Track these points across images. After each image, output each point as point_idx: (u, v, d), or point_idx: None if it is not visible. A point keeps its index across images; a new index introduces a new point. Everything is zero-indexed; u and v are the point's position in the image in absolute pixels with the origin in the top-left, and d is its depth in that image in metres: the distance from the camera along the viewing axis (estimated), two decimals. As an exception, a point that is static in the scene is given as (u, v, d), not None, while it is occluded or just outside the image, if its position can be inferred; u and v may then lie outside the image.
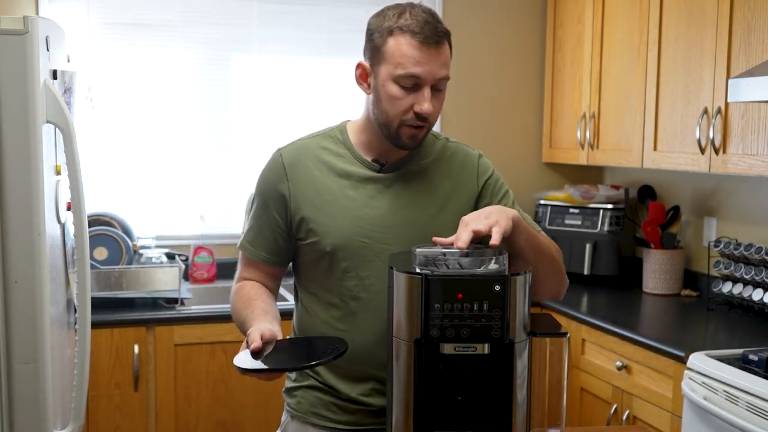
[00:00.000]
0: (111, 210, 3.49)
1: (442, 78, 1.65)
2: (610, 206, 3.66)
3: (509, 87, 4.02)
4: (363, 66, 1.71)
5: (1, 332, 1.97)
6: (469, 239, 1.48)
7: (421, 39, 1.61)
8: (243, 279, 1.83)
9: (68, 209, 2.22)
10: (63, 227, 2.26)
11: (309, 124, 2.27)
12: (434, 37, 1.62)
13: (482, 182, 1.80)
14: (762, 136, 2.64)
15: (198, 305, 3.28)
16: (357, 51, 1.75)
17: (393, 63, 1.63)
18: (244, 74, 3.70)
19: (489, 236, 1.48)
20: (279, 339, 1.57)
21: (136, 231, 3.53)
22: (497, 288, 1.43)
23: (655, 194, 3.61)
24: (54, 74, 2.10)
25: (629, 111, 3.32)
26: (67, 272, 2.33)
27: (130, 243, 3.36)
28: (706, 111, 2.85)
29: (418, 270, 1.46)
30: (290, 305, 1.93)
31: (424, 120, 1.66)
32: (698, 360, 2.40)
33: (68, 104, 2.19)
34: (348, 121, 1.82)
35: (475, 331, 1.43)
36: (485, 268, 1.46)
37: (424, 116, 1.64)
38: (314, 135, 1.81)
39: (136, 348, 3.03)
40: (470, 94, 3.93)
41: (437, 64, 1.63)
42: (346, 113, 1.91)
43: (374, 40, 1.67)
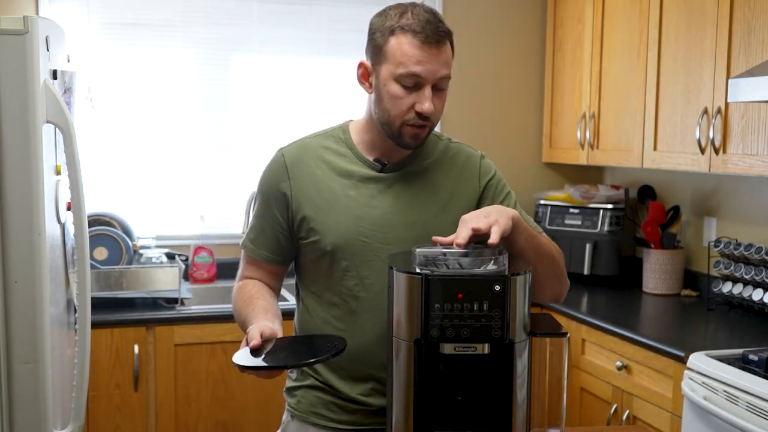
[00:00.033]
0: (111, 210, 3.49)
1: (444, 77, 1.65)
2: (610, 206, 3.66)
3: (509, 87, 4.02)
4: (365, 65, 1.71)
5: (1, 332, 1.97)
6: (468, 237, 1.48)
7: (423, 38, 1.61)
8: (245, 278, 1.83)
9: (68, 209, 2.22)
10: (63, 227, 2.26)
11: (309, 124, 2.27)
12: (435, 37, 1.62)
13: (484, 183, 1.80)
14: (762, 136, 2.64)
15: (198, 305, 3.28)
16: (357, 51, 1.76)
17: (394, 62, 1.63)
18: (244, 74, 3.70)
19: (489, 236, 1.48)
20: (279, 337, 1.57)
21: (136, 231, 3.53)
22: (497, 288, 1.42)
23: (655, 194, 3.61)
24: (54, 74, 2.10)
25: (629, 111, 3.32)
26: (67, 272, 2.33)
27: (130, 243, 3.36)
28: (706, 111, 2.85)
29: (418, 270, 1.46)
30: (291, 305, 1.94)
31: (426, 119, 1.66)
32: (698, 360, 2.40)
33: (68, 104, 2.19)
34: (351, 121, 1.82)
35: (475, 331, 1.43)
36: (485, 268, 1.46)
37: (426, 115, 1.64)
38: (316, 134, 1.81)
39: (136, 348, 3.03)
40: (470, 94, 3.93)
41: (438, 64, 1.63)
42: (347, 113, 1.92)
43: (376, 40, 1.67)
